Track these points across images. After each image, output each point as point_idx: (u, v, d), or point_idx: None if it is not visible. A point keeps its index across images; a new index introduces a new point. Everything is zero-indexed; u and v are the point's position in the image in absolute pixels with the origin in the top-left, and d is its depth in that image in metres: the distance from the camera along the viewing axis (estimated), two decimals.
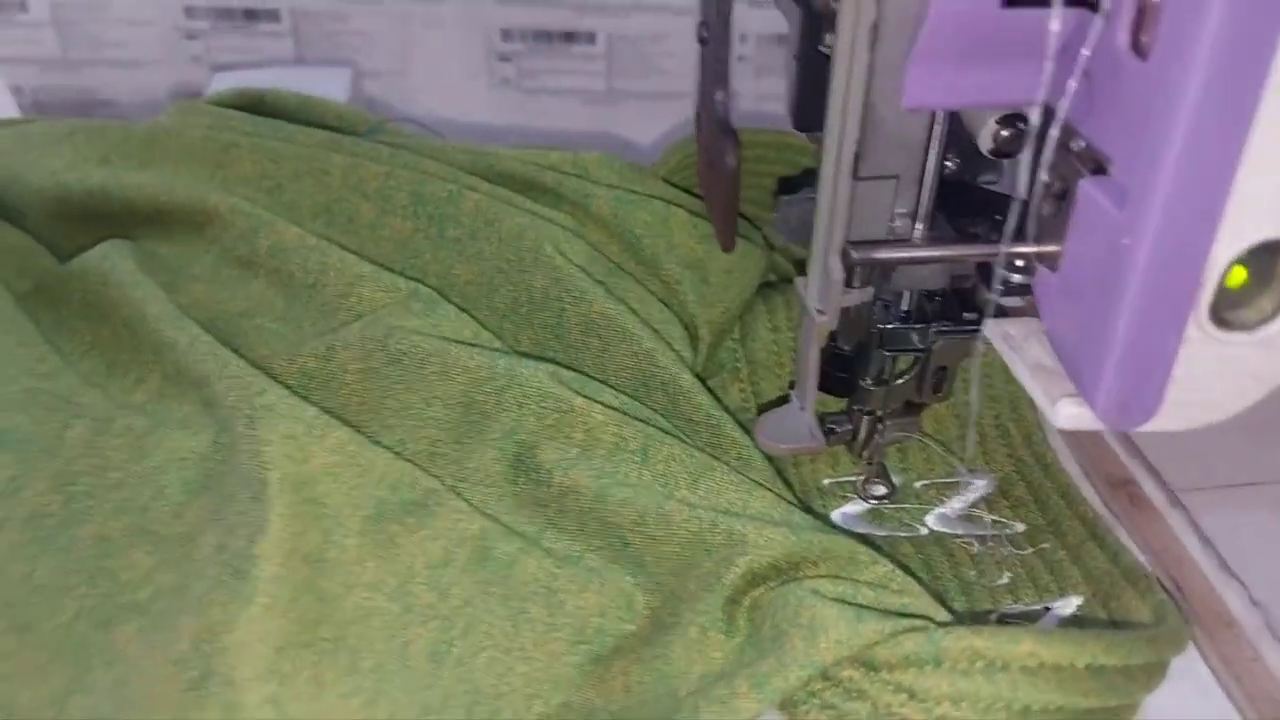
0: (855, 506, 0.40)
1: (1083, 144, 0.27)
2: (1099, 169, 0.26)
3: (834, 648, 0.27)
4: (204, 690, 0.26)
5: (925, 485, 0.41)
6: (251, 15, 0.68)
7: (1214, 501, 0.40)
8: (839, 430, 0.39)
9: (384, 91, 0.68)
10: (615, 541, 0.32)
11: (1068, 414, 0.28)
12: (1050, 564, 0.37)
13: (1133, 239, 0.24)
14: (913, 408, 0.39)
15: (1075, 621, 0.35)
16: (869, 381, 0.37)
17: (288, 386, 0.32)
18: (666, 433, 0.33)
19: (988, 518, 0.39)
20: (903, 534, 0.39)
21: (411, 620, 0.30)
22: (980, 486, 0.40)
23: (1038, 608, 0.36)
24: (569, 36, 0.65)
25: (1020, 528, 0.38)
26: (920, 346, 0.36)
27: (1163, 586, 0.35)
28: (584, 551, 0.32)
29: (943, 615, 0.30)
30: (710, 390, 0.37)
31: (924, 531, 0.39)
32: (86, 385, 0.34)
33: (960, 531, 0.39)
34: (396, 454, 0.32)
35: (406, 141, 0.44)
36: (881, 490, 0.40)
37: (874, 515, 0.39)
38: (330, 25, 0.69)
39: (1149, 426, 0.27)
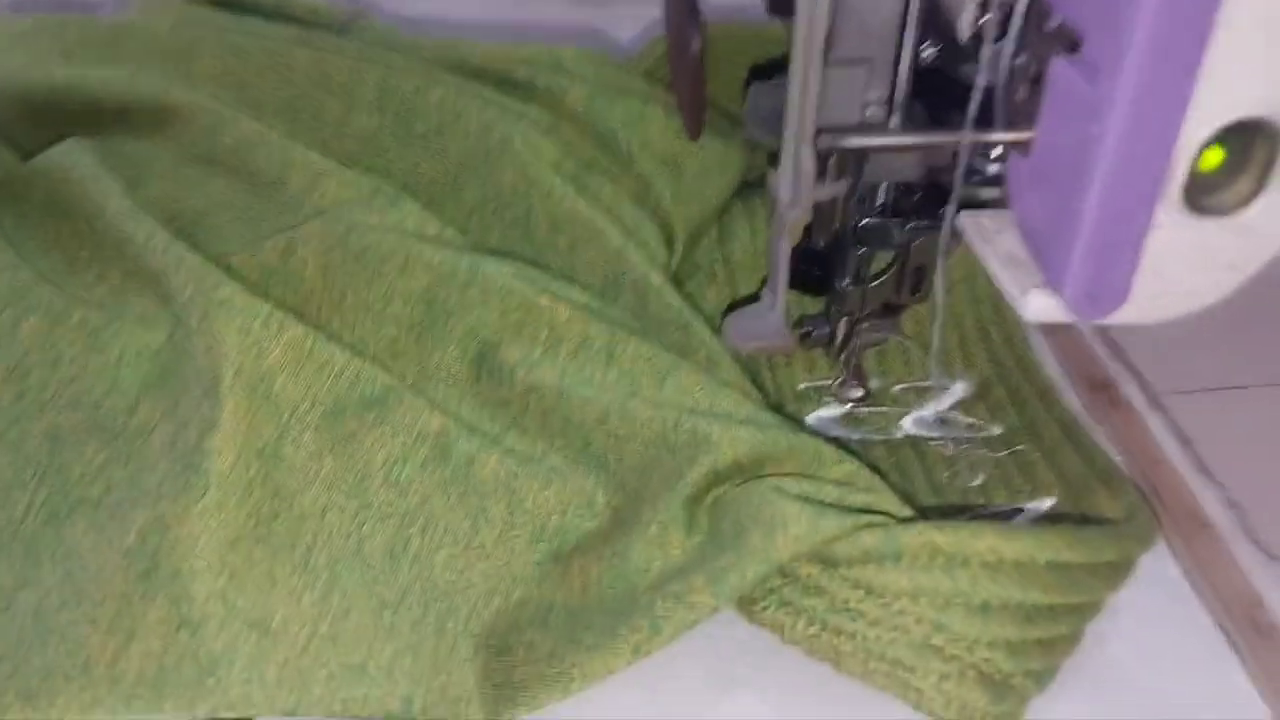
0: (830, 410, 0.39)
1: (1057, 22, 0.26)
2: (1073, 47, 0.25)
3: (792, 543, 0.27)
4: (151, 582, 0.26)
5: (903, 389, 0.40)
6: None
7: (1196, 405, 0.39)
8: (815, 332, 0.39)
9: None
10: (578, 441, 0.31)
11: (1037, 305, 0.27)
12: (1024, 466, 0.36)
13: (1102, 117, 0.23)
14: (891, 309, 0.38)
15: (1048, 521, 0.34)
16: (846, 282, 0.37)
17: (246, 282, 0.32)
18: (633, 332, 0.33)
19: (964, 420, 0.39)
20: (878, 437, 0.38)
21: (368, 517, 0.29)
22: (958, 390, 0.40)
23: (1009, 508, 0.35)
24: None
25: (997, 430, 0.38)
26: (897, 243, 0.35)
27: (1137, 488, 0.34)
28: (546, 451, 0.31)
29: (905, 513, 0.29)
30: (682, 291, 0.36)
31: (899, 435, 0.38)
32: (44, 281, 0.34)
33: (936, 434, 0.38)
34: (356, 351, 0.31)
35: (378, 37, 0.43)
36: (858, 393, 0.39)
37: (849, 419, 0.39)
38: None
39: (1120, 317, 0.26)
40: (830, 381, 0.39)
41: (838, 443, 0.35)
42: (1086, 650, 0.31)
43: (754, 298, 0.37)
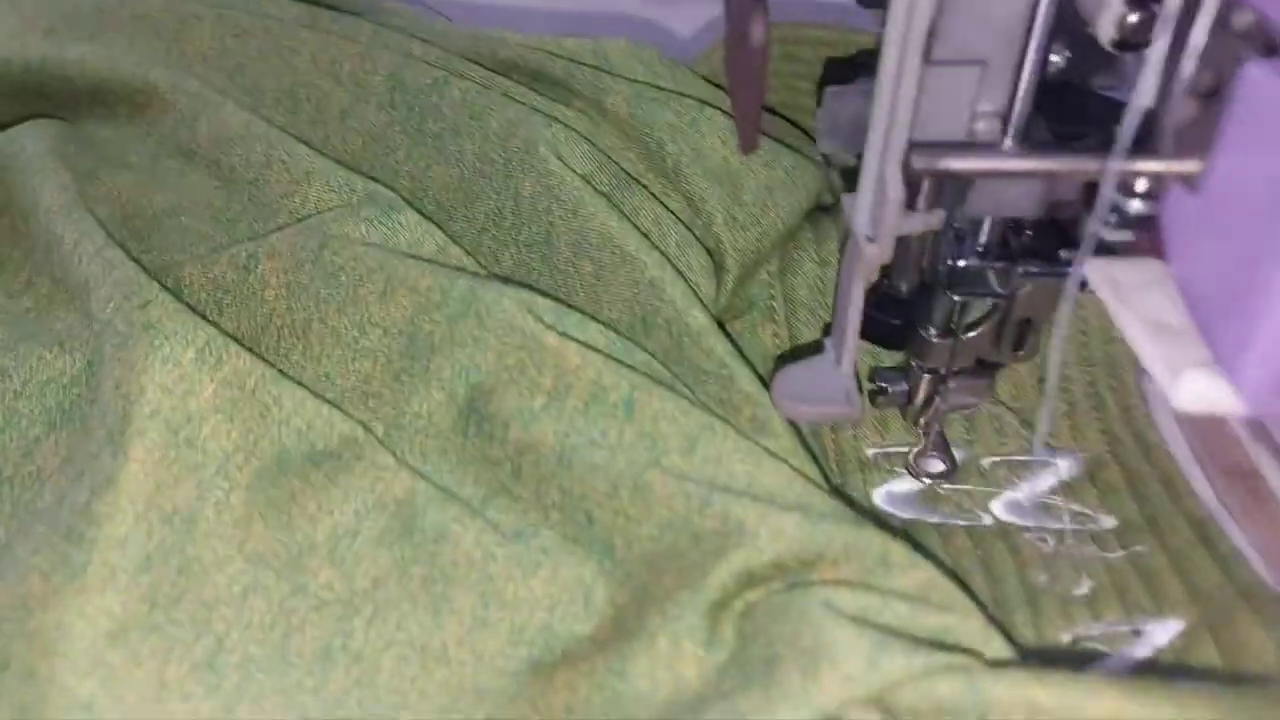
0: (904, 484, 0.32)
1: (1250, 18, 0.19)
2: (1272, 49, 0.18)
3: (841, 686, 0.20)
4: None
5: (994, 463, 0.33)
6: None
7: None
8: (890, 390, 0.32)
9: None
10: (579, 516, 0.25)
11: (1195, 390, 0.20)
12: (1145, 572, 0.29)
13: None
14: (986, 367, 0.32)
15: (1173, 653, 0.27)
16: (932, 332, 0.30)
17: (190, 300, 0.26)
18: (661, 383, 0.26)
19: (1069, 508, 0.32)
20: (960, 522, 0.31)
21: (301, 603, 0.23)
22: (1063, 468, 0.33)
23: (1124, 629, 0.28)
24: None
25: (1110, 523, 0.31)
26: (1000, 291, 0.28)
27: None
28: (538, 527, 0.25)
29: (996, 647, 0.22)
30: (729, 334, 0.30)
31: (987, 521, 0.31)
32: None
33: (1032, 523, 0.32)
34: (314, 393, 0.26)
35: (398, 22, 0.38)
36: (939, 466, 0.32)
37: (926, 498, 0.32)
38: None
39: None
40: (906, 450, 0.33)
41: (909, 530, 0.29)
42: None
43: (816, 347, 0.30)
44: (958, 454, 0.33)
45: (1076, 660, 0.27)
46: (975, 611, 0.24)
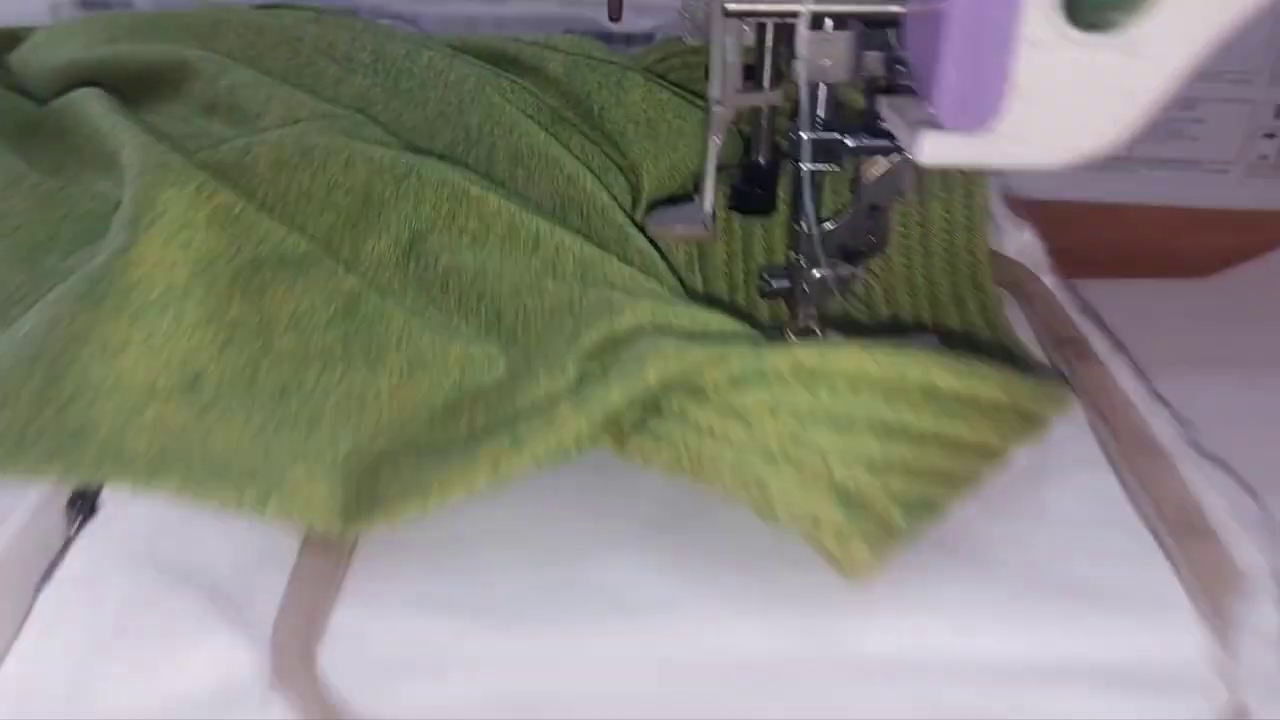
0: None
1: None
2: None
3: (660, 364, 0.26)
4: (38, 362, 0.27)
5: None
6: None
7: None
8: (774, 285, 0.38)
9: None
10: (490, 314, 0.32)
11: (928, 145, 0.26)
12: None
13: None
14: (851, 256, 0.38)
15: None
16: (802, 226, 0.37)
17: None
18: (565, 227, 0.33)
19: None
20: None
21: (265, 357, 0.30)
22: (923, 340, 0.38)
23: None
24: None
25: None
26: (838, 161, 0.35)
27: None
28: (459, 322, 0.32)
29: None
30: (631, 216, 0.37)
31: None
32: (29, 168, 0.37)
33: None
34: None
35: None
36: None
37: None
38: None
39: (1022, 156, 0.26)
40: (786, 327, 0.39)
41: None
42: (1007, 545, 0.29)
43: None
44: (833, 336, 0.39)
45: None
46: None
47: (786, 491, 0.25)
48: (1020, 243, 0.42)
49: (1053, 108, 0.25)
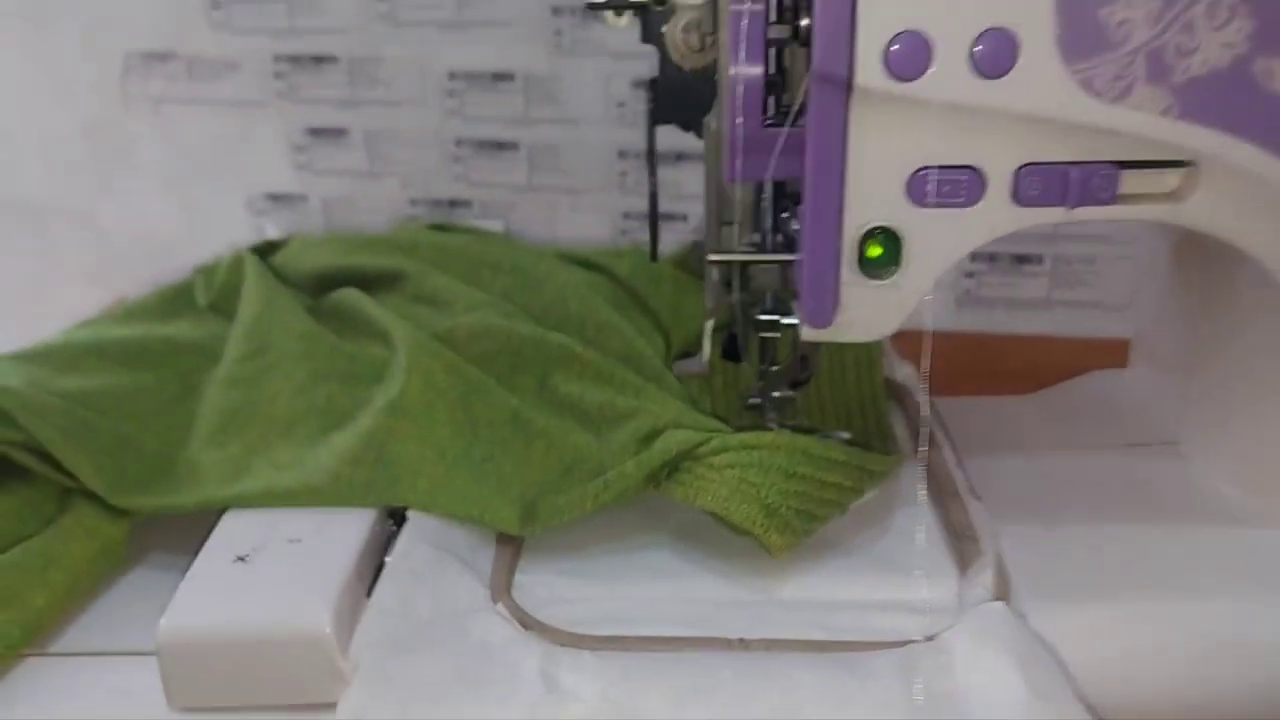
0: None
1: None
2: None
3: (676, 445, 0.52)
4: None
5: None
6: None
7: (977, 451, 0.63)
8: (750, 401, 0.65)
9: None
10: (586, 418, 0.59)
11: (804, 332, 0.53)
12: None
13: (802, 224, 0.50)
14: (797, 384, 0.64)
15: None
16: (763, 365, 0.63)
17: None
18: (625, 369, 0.60)
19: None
20: None
21: (475, 441, 0.57)
22: (837, 435, 0.64)
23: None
24: None
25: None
26: (775, 332, 0.61)
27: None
28: (572, 424, 0.58)
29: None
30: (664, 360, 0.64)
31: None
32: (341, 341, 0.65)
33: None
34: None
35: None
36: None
37: None
38: None
39: (844, 334, 0.52)
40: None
41: None
42: (862, 540, 0.54)
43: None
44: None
45: None
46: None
47: (739, 508, 0.51)
48: (904, 372, 0.68)
49: (859, 314, 0.51)
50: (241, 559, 0.48)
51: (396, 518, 0.53)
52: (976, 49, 0.45)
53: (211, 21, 0.99)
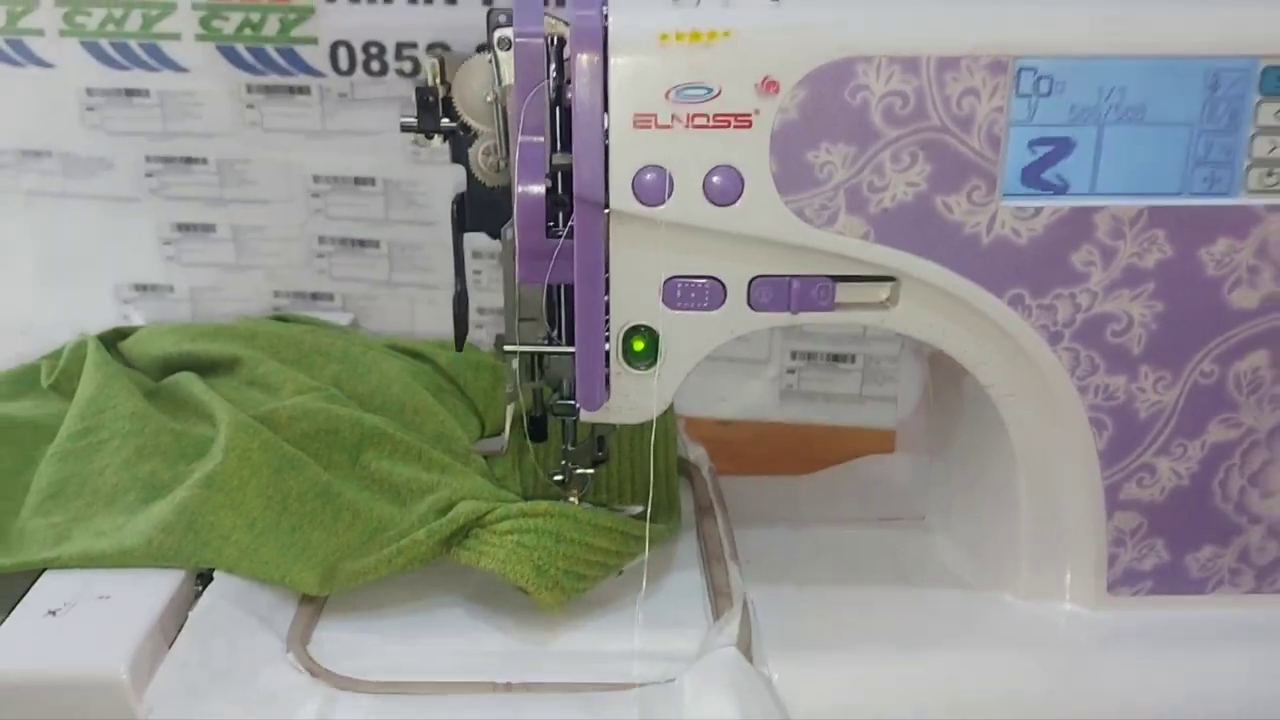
0: None
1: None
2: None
3: (466, 513, 0.59)
4: None
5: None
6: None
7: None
8: (554, 477, 0.72)
9: None
10: (393, 491, 0.65)
11: (583, 414, 0.60)
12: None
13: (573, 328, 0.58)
14: (597, 463, 0.72)
15: None
16: (566, 445, 0.70)
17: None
18: (435, 449, 0.67)
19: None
20: None
21: (285, 513, 0.63)
22: (631, 509, 0.72)
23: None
24: None
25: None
26: (572, 415, 0.68)
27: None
28: (377, 496, 0.65)
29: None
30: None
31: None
32: (169, 420, 0.70)
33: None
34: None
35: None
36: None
37: None
38: None
39: (612, 417, 0.60)
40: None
41: None
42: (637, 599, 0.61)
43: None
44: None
45: None
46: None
47: (514, 569, 0.58)
48: (696, 453, 0.76)
49: (626, 400, 0.59)
50: (53, 613, 0.53)
51: (205, 579, 0.59)
52: (709, 182, 0.54)
53: (86, 122, 1.05)
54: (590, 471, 0.69)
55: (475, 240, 1.08)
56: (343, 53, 1.01)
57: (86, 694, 0.50)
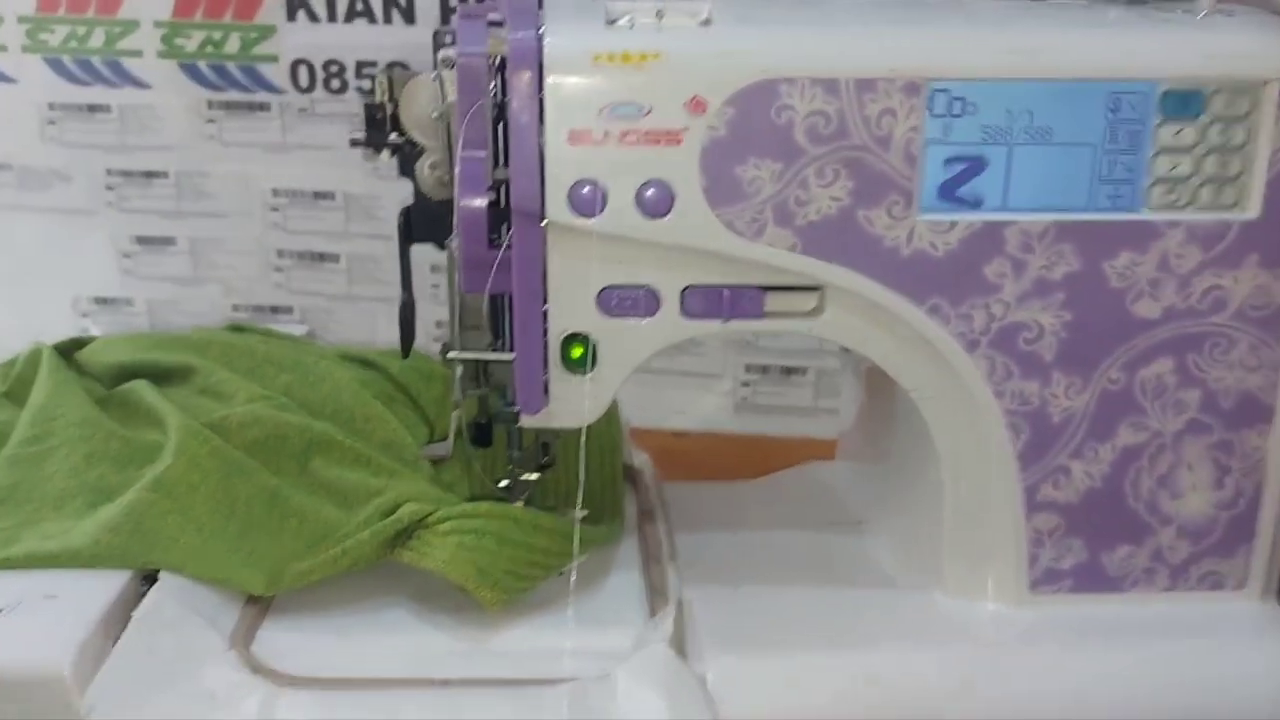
0: None
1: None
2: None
3: (409, 513, 0.61)
4: None
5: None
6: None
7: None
8: (499, 485, 0.74)
9: None
10: (340, 495, 0.67)
11: (524, 420, 0.62)
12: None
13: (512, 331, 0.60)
14: (542, 468, 0.74)
15: None
16: (512, 451, 0.72)
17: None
18: (384, 455, 0.69)
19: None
20: None
21: (232, 516, 0.64)
22: (575, 514, 0.73)
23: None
24: None
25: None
26: (513, 420, 0.70)
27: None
28: (325, 501, 0.67)
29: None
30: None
31: None
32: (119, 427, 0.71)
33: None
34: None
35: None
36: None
37: None
38: None
39: (554, 421, 0.62)
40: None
41: None
42: (578, 599, 0.63)
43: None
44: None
45: None
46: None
47: (455, 569, 0.60)
48: (640, 460, 0.79)
49: (565, 405, 0.62)
50: None
51: (151, 580, 0.60)
52: (642, 195, 0.57)
53: (45, 136, 1.06)
54: (535, 477, 0.71)
55: (434, 254, 1.12)
56: (303, 70, 1.03)
57: (30, 689, 0.51)
